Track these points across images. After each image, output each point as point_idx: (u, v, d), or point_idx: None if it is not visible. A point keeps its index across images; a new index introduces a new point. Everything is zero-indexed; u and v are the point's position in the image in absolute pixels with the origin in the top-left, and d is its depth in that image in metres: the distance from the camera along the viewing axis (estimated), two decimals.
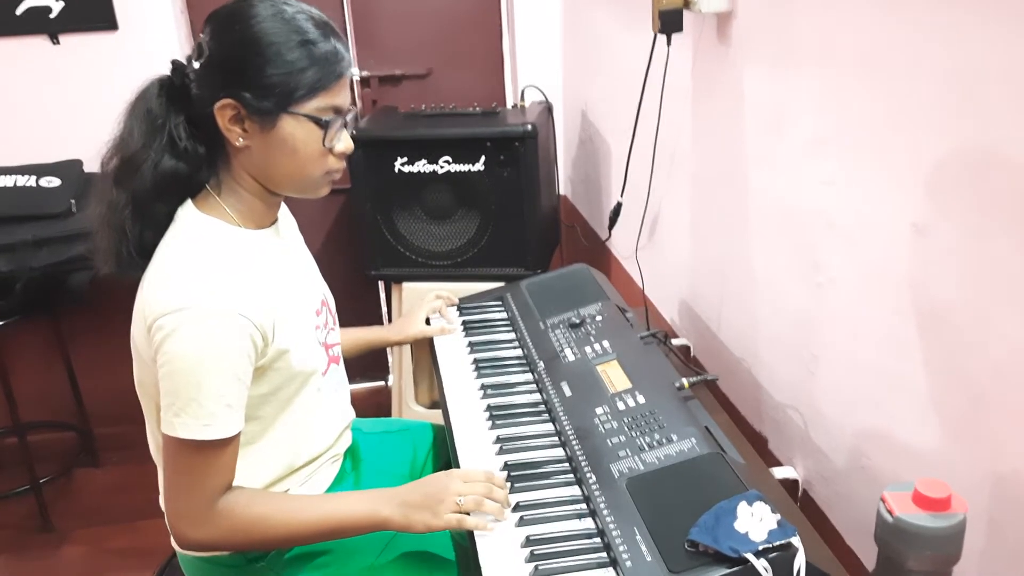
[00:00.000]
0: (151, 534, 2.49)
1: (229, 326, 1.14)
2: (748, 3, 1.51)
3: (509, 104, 3.10)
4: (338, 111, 1.22)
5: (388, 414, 2.87)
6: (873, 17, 1.16)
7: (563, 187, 3.05)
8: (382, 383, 3.39)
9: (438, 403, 2.88)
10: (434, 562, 1.37)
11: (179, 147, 1.20)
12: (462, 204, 2.49)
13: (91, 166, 2.72)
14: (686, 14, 1.63)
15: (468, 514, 1.21)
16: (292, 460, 1.34)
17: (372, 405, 3.14)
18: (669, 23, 1.63)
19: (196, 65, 1.19)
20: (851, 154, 1.24)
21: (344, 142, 1.25)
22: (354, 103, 1.23)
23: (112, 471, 2.99)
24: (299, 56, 1.17)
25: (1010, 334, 0.97)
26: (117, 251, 1.22)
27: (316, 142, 1.21)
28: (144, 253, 1.22)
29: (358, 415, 1.52)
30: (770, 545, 1.04)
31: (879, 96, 1.17)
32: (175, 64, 1.23)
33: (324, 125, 1.21)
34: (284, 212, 1.39)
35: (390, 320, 3.09)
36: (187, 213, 1.23)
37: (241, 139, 1.19)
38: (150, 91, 1.22)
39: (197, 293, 1.14)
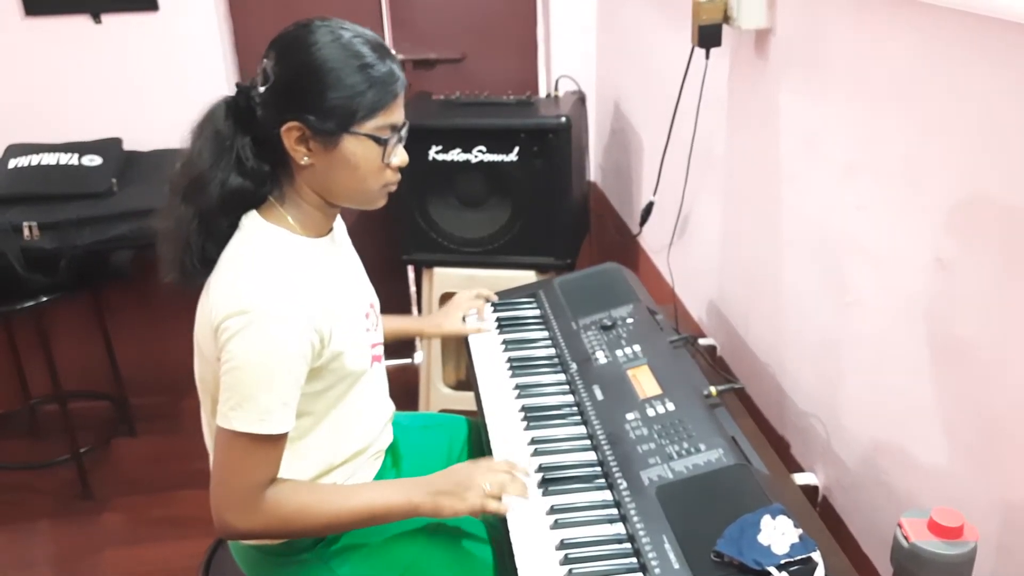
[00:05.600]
0: (187, 504, 2.61)
1: (291, 330, 1.22)
2: (786, 21, 1.54)
3: (542, 91, 3.13)
4: (394, 128, 1.30)
5: (415, 392, 2.95)
6: (909, 47, 1.19)
7: (593, 174, 3.09)
8: (409, 360, 3.47)
9: (463, 383, 2.95)
10: (473, 561, 1.45)
11: (245, 166, 1.27)
12: (495, 192, 2.54)
13: (130, 144, 2.80)
14: (725, 28, 1.66)
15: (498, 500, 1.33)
16: (337, 453, 1.41)
17: (399, 383, 3.20)
18: (708, 38, 1.66)
19: (261, 90, 1.26)
20: (882, 182, 1.28)
21: (400, 156, 1.33)
22: (407, 119, 1.31)
23: (147, 441, 3.07)
24: (358, 80, 1.24)
25: None
26: (181, 262, 1.30)
27: (376, 158, 1.29)
28: (206, 263, 1.30)
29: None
30: (791, 559, 1.11)
31: (912, 127, 1.20)
32: (239, 87, 1.30)
33: (383, 143, 1.28)
34: (338, 221, 1.46)
35: (419, 302, 3.16)
36: (252, 222, 1.31)
37: (306, 158, 1.27)
38: (217, 113, 1.29)
39: (262, 297, 1.22)
